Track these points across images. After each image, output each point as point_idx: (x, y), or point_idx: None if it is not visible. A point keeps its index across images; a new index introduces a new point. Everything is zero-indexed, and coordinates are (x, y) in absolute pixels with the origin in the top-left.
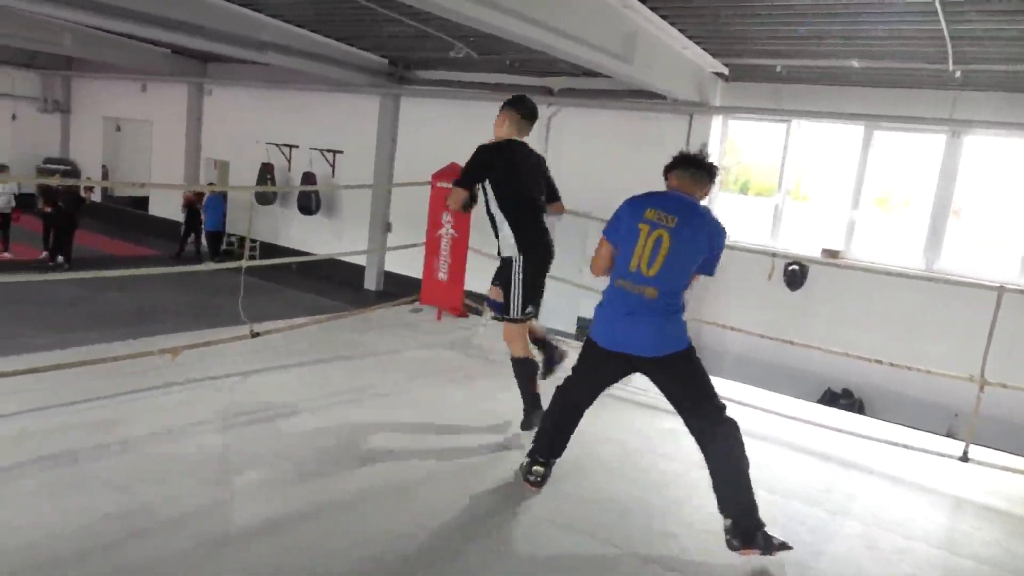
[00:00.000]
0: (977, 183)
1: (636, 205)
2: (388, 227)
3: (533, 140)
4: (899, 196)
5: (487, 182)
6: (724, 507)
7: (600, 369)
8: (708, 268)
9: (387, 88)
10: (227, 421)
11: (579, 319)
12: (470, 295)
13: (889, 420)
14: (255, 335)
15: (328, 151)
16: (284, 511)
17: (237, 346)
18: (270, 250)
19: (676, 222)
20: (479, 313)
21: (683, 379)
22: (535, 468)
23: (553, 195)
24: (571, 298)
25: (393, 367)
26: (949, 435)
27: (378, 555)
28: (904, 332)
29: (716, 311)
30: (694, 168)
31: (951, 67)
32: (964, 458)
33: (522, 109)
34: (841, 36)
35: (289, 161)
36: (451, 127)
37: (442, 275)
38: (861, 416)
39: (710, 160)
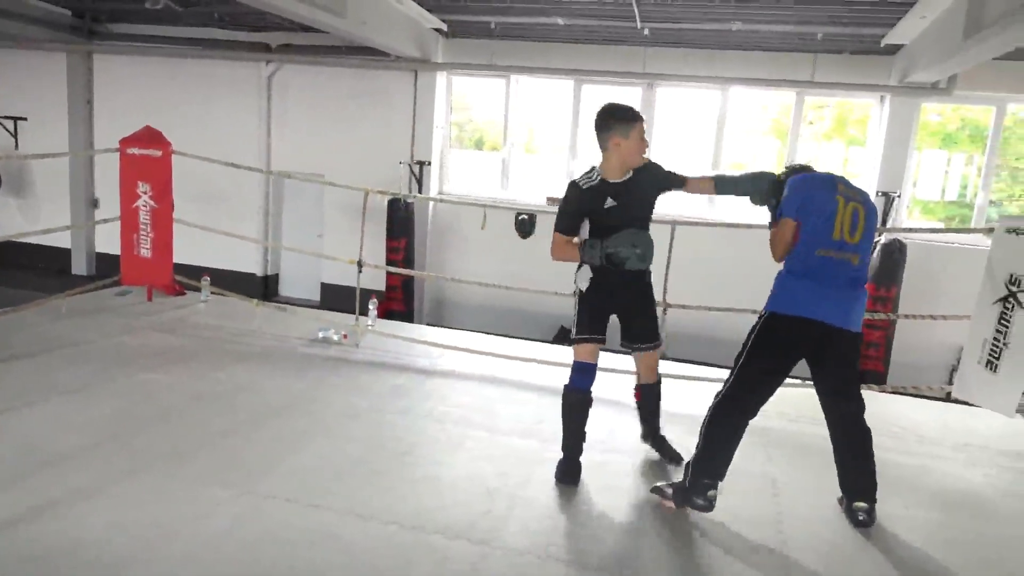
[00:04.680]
0: (668, 128)
1: (822, 180)
2: (95, 202)
3: (250, 102)
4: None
5: None
6: (854, 489)
7: (794, 349)
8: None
9: (74, 44)
10: None
11: (322, 285)
12: (183, 269)
13: (613, 348)
14: None
15: (6, 118)
16: None
17: None
18: None
19: (863, 198)
20: (197, 289)
21: (854, 360)
22: (711, 493)
23: None
24: (313, 266)
25: (90, 358)
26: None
27: (63, 568)
28: None
29: (457, 266)
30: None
31: (639, 24)
32: None
33: None
34: None
35: None
36: (159, 87)
37: (145, 251)
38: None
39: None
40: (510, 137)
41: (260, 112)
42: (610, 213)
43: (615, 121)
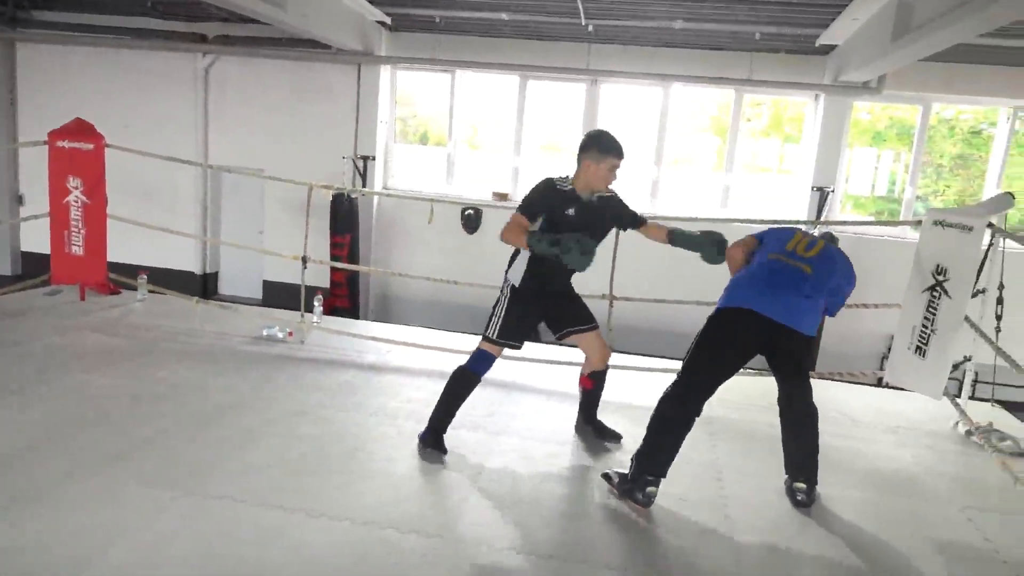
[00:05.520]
0: (611, 125)
1: (783, 228)
2: (20, 199)
3: (186, 94)
4: (565, 141)
5: None
6: (795, 469)
7: (739, 342)
8: (831, 309)
9: None
10: None
11: (264, 283)
12: (118, 268)
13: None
14: None
15: None
16: None
17: None
18: None
19: (823, 244)
20: (132, 288)
21: (803, 358)
22: (650, 490)
23: None
24: (254, 263)
25: (23, 359)
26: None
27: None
28: None
29: (402, 261)
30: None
31: (583, 21)
32: None
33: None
34: None
35: None
36: (89, 78)
37: (76, 248)
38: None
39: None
40: (455, 132)
41: (196, 105)
42: (566, 220)
43: (595, 146)
